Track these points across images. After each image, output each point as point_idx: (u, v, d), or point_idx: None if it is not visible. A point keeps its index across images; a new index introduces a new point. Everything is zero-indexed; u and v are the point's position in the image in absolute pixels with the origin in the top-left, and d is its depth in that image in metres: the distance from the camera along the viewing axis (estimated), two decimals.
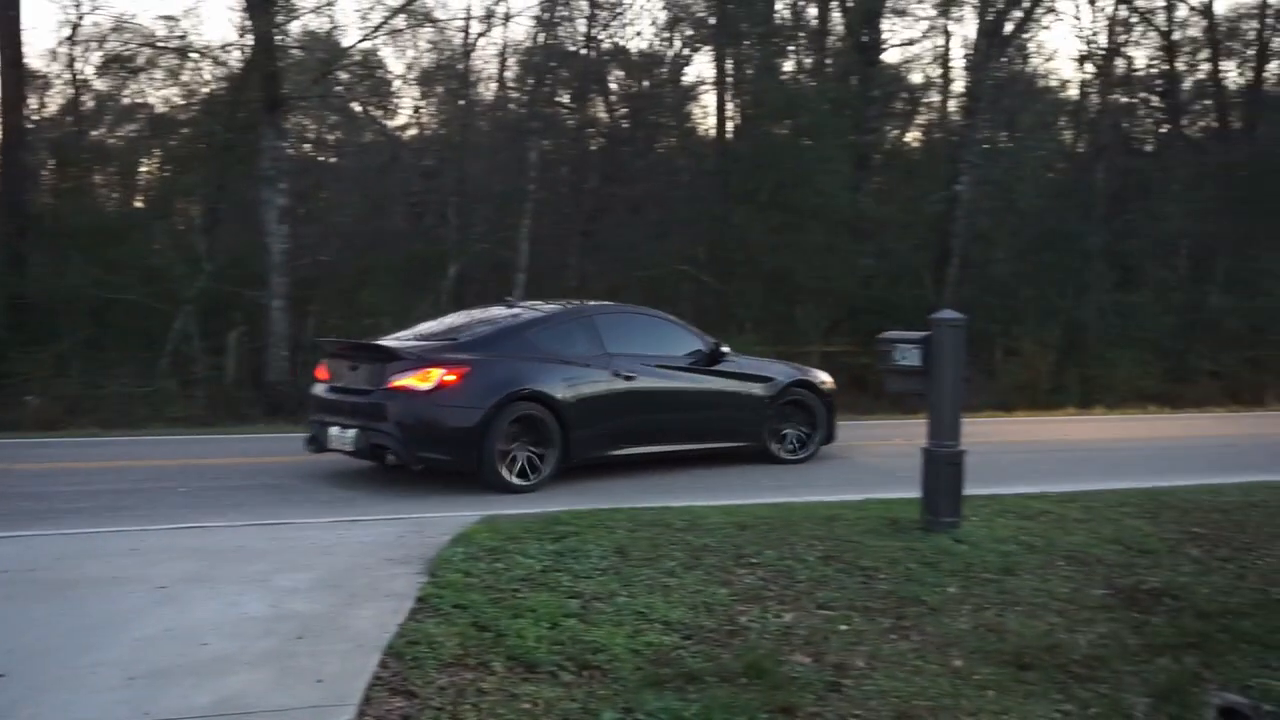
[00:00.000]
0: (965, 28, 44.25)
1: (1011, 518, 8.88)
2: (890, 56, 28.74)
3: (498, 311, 11.93)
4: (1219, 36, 30.81)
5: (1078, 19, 46.40)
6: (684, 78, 29.54)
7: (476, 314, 12.20)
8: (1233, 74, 31.44)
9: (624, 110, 29.02)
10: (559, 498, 9.77)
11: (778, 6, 27.32)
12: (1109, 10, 30.68)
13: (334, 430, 10.71)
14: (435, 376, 10.20)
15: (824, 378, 13.15)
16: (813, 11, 28.07)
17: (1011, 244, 25.84)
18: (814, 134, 24.05)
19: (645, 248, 24.06)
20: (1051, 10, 31.66)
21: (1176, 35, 30.80)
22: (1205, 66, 31.02)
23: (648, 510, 8.58)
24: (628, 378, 11.21)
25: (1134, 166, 29.73)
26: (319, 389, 11.28)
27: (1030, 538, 8.45)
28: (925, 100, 32.02)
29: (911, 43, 30.03)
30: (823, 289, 23.37)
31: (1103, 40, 30.64)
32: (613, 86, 29.05)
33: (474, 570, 7.02)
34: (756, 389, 12.31)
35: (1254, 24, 31.29)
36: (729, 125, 28.04)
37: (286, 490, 10.39)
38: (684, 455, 11.89)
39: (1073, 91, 32.76)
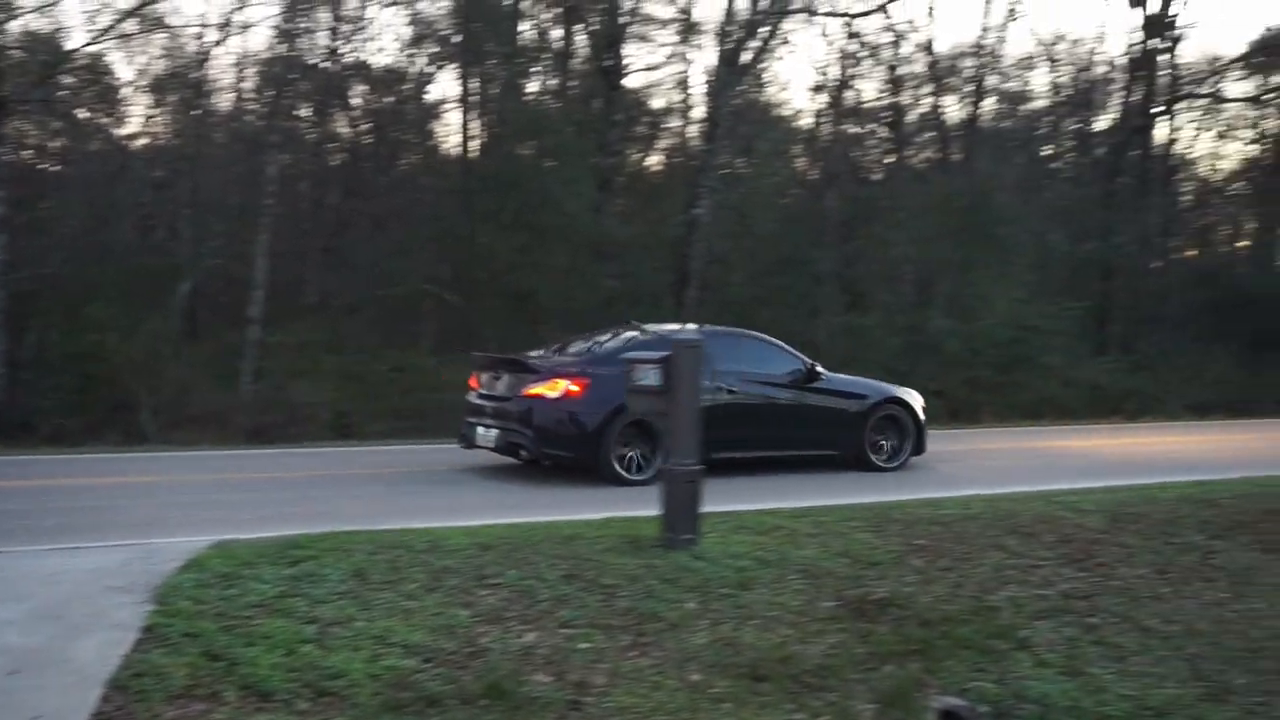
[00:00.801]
0: (705, 56, 45.33)
1: (747, 534, 9.11)
2: (633, 81, 29.23)
3: (623, 331, 13.60)
4: (940, 73, 32.51)
5: (811, 50, 48.16)
6: (428, 95, 29.37)
7: (606, 334, 13.76)
8: (953, 108, 33.26)
9: (367, 126, 28.61)
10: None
11: (522, 28, 27.44)
12: (840, 44, 31.98)
13: (480, 430, 12.78)
14: (561, 387, 12.08)
15: (915, 396, 14.49)
16: (557, 34, 28.30)
17: (748, 267, 26.59)
18: (558, 155, 24.23)
19: (388, 265, 23.74)
20: (786, 42, 32.77)
21: (902, 70, 32.35)
22: (928, 100, 32.68)
23: (388, 532, 8.45)
24: (731, 391, 12.85)
25: (863, 194, 31.05)
26: (470, 396, 13.33)
27: (765, 553, 8.69)
28: (666, 125, 32.70)
29: (653, 68, 30.59)
30: (565, 309, 23.52)
31: (834, 72, 31.96)
32: (355, 101, 28.62)
33: (205, 597, 6.77)
34: (850, 404, 13.82)
35: (971, 62, 33.19)
36: (474, 144, 27.99)
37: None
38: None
39: (806, 121, 34.05)
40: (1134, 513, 10.71)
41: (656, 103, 32.16)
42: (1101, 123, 36.06)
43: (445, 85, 47.22)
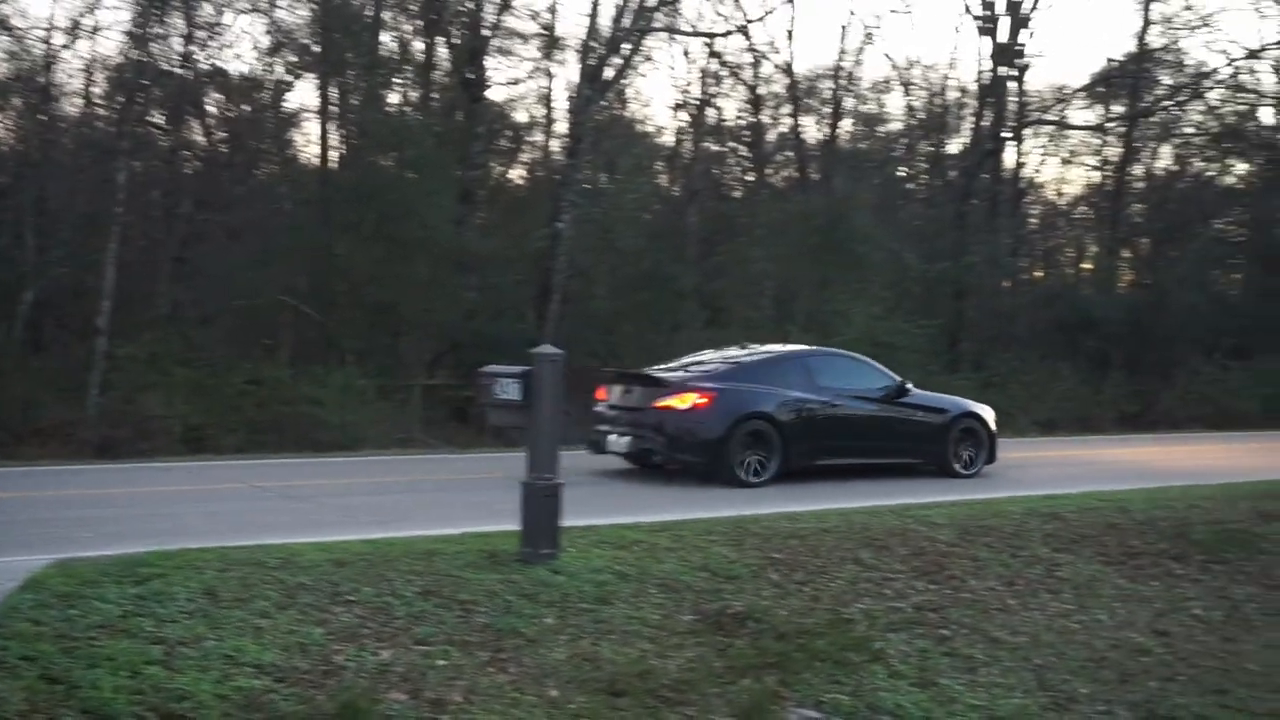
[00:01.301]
0: (568, 70, 45.39)
1: (607, 548, 9.12)
2: (495, 94, 29.15)
3: (735, 350, 15.58)
4: (799, 94, 33.07)
5: (673, 69, 48.51)
6: (286, 104, 28.84)
7: (721, 352, 15.66)
8: (811, 129, 33.84)
9: (222, 134, 27.99)
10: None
11: (383, 38, 27.13)
12: (701, 63, 32.31)
13: (611, 438, 14.11)
14: (690, 399, 13.54)
15: (988, 410, 15.97)
16: (419, 45, 28.07)
17: (610, 281, 26.64)
18: (419, 167, 23.97)
19: (244, 276, 23.21)
20: (649, 59, 33.03)
21: (762, 90, 32.82)
22: (788, 120, 33.20)
23: (240, 549, 8.25)
24: (831, 405, 14.33)
25: (724, 211, 31.38)
26: (599, 407, 14.58)
27: (624, 567, 8.70)
28: (529, 139, 32.67)
29: (516, 82, 30.52)
30: (427, 322, 23.28)
31: (696, 91, 32.28)
32: (210, 109, 27.99)
33: (44, 618, 6.52)
34: (934, 418, 15.27)
35: (830, 84, 33.83)
36: (333, 155, 27.59)
37: None
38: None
39: (668, 138, 34.32)
40: (983, 526, 10.99)
41: (519, 116, 32.14)
42: (954, 146, 37.07)
43: (304, 94, 46.63)
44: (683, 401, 13.55)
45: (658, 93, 71.77)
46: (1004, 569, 10.03)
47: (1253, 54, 36.36)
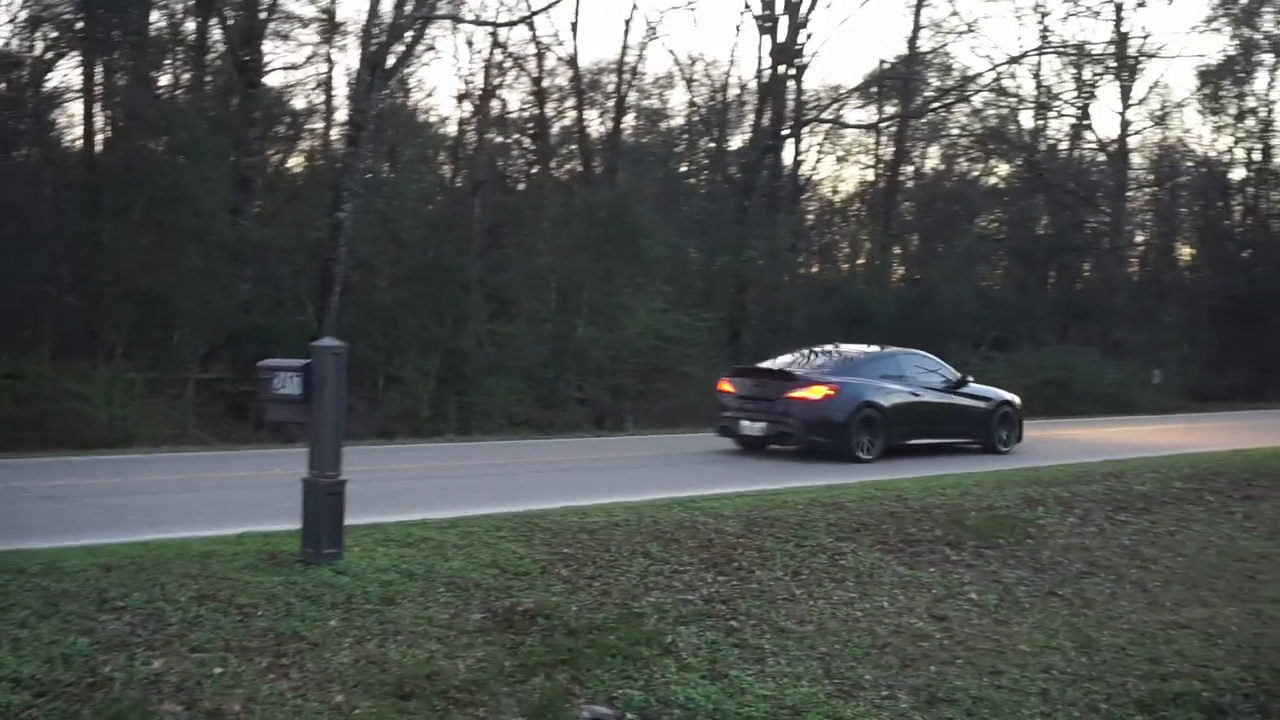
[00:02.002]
0: (349, 57, 44.49)
1: (393, 546, 8.89)
2: (273, 79, 28.29)
3: (837, 349, 18.75)
4: (583, 87, 33.13)
5: (456, 58, 48.07)
6: (47, 83, 27.35)
7: (825, 352, 18.64)
8: (595, 122, 33.94)
9: None
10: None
11: (154, 16, 26.00)
12: (485, 54, 32.04)
13: (744, 423, 17.07)
14: (821, 391, 16.61)
15: (1016, 399, 19.56)
16: (191, 25, 27.03)
17: (393, 273, 26.16)
18: (191, 152, 23.04)
19: (1, 263, 21.93)
20: (432, 48, 32.51)
21: (546, 83, 32.76)
22: (572, 114, 33.23)
23: None
24: (915, 395, 17.60)
25: (508, 203, 31.18)
26: (726, 399, 17.56)
27: (411, 565, 8.50)
28: (309, 126, 31.85)
29: (294, 67, 29.72)
30: (201, 313, 22.43)
31: (480, 81, 31.99)
32: None
33: None
34: (983, 405, 18.65)
35: (613, 78, 33.99)
36: (99, 137, 26.32)
37: None
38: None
39: (452, 128, 33.93)
40: (769, 517, 11.14)
41: (298, 103, 31.29)
42: (735, 142, 37.72)
43: (67, 73, 44.37)
44: (815, 393, 16.58)
45: (442, 82, 71.02)
46: (789, 559, 10.17)
47: (1014, 60, 38.17)
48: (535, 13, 30.61)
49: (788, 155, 36.56)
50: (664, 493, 12.19)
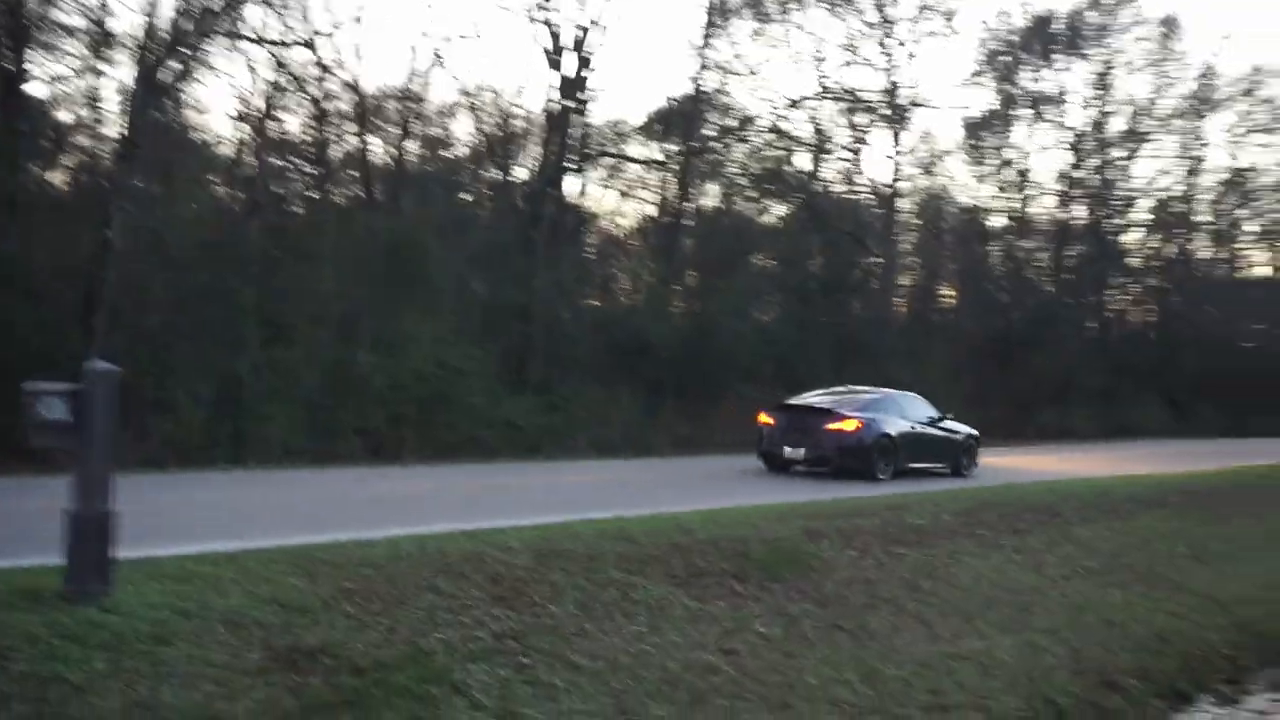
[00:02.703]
0: (121, 72, 42.69)
1: (167, 582, 8.43)
2: (37, 90, 26.82)
3: (851, 390, 23.20)
4: (366, 112, 32.51)
5: (233, 77, 46.50)
6: None
7: (848, 391, 23.11)
8: (378, 149, 33.33)
9: None
10: None
11: None
12: (265, 74, 31.12)
13: (788, 449, 21.17)
14: (853, 424, 20.82)
15: (977, 432, 24.33)
16: None
17: (165, 296, 25.05)
18: None
19: None
20: (210, 66, 31.38)
21: (328, 106, 32.01)
22: (354, 139, 32.55)
23: None
24: (914, 427, 22.06)
25: (286, 227, 30.28)
26: (767, 429, 21.69)
27: (185, 602, 8.07)
28: (75, 140, 30.29)
29: (61, 79, 28.24)
30: None
31: (259, 102, 31.04)
32: None
33: None
34: (956, 436, 23.48)
35: (397, 104, 33.48)
36: None
37: None
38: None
39: (228, 148, 32.79)
40: (558, 550, 11.01)
41: (64, 115, 29.73)
42: (519, 173, 37.60)
43: None
44: (849, 425, 20.78)
45: (219, 101, 68.82)
46: (580, 593, 10.06)
47: (793, 104, 39.28)
48: (319, 35, 29.90)
49: (573, 188, 36.67)
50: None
